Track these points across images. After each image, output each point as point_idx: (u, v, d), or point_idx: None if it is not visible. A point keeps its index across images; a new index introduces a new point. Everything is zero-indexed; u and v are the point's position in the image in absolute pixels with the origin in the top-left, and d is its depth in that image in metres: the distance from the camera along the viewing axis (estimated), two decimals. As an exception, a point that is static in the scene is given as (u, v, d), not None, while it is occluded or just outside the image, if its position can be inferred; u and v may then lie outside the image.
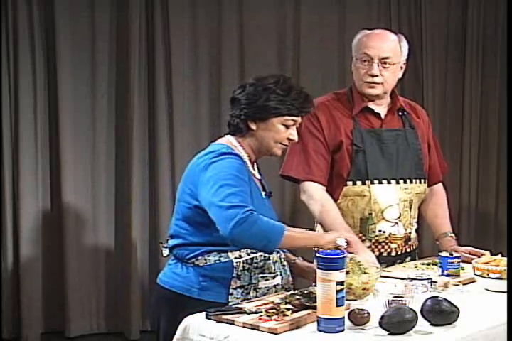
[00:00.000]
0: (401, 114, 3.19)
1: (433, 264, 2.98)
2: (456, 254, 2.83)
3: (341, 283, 2.14)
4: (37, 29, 4.71)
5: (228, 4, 5.07)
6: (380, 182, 3.06)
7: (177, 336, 2.31)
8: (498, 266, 2.65)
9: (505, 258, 2.70)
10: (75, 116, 4.83)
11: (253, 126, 2.58)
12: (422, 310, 2.21)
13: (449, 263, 2.79)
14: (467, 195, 5.33)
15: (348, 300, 2.29)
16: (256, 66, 5.01)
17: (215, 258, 2.52)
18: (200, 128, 5.09)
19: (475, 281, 2.73)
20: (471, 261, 2.80)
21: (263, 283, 2.56)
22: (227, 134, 2.65)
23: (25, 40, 4.68)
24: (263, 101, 2.54)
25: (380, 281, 2.51)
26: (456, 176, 5.28)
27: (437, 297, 2.25)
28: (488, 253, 2.98)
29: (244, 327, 2.20)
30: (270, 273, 2.58)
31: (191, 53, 5.04)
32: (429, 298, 2.24)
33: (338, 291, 2.12)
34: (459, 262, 2.81)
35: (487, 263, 2.69)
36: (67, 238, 4.80)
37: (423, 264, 3.02)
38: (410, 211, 3.13)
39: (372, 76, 3.03)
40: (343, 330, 2.15)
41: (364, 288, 2.43)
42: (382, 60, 3.03)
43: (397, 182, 3.09)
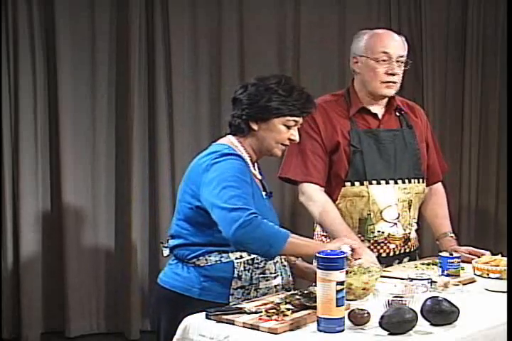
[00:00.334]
0: (398, 114, 3.18)
1: (433, 264, 2.97)
2: (456, 254, 2.83)
3: (341, 283, 2.13)
4: (37, 29, 4.71)
5: (228, 4, 5.07)
6: (378, 183, 3.06)
7: (177, 336, 2.31)
8: (498, 266, 2.64)
9: (505, 258, 2.70)
10: (75, 116, 4.83)
11: (254, 126, 2.57)
12: (422, 310, 2.21)
13: (449, 263, 2.79)
14: (467, 195, 5.33)
15: (348, 300, 2.29)
16: (256, 66, 5.01)
17: (216, 258, 2.52)
18: (200, 128, 5.09)
19: (475, 281, 2.73)
20: (471, 261, 2.80)
21: (264, 284, 2.55)
22: (229, 134, 2.65)
23: (25, 40, 4.68)
24: (265, 102, 2.53)
25: (380, 281, 2.51)
26: (456, 176, 5.28)
27: (437, 297, 2.25)
28: (488, 253, 2.98)
29: (244, 327, 2.20)
30: (271, 274, 2.58)
31: (191, 53, 5.04)
32: (429, 298, 2.24)
33: (338, 291, 2.12)
34: (459, 262, 2.81)
35: (487, 263, 2.69)
36: (67, 238, 4.80)
37: (423, 264, 3.02)
38: (409, 211, 3.12)
39: (393, 75, 3.03)
40: (343, 330, 2.15)
41: (364, 288, 2.43)
42: (398, 59, 3.03)
43: (396, 183, 3.09)
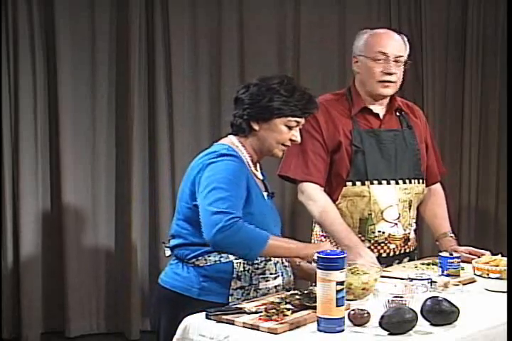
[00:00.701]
0: (399, 114, 3.18)
1: (433, 264, 2.97)
2: (456, 254, 2.83)
3: (341, 283, 2.13)
4: (37, 29, 4.71)
5: (228, 4, 5.07)
6: (379, 183, 3.05)
7: (177, 336, 2.31)
8: (498, 266, 2.64)
9: (505, 258, 2.70)
10: (75, 116, 4.83)
11: (256, 126, 2.57)
12: (422, 310, 2.21)
13: (449, 263, 2.79)
14: (467, 195, 5.33)
15: (348, 300, 2.29)
16: (256, 66, 5.01)
17: (215, 258, 2.51)
18: (200, 128, 5.09)
19: (475, 281, 2.73)
20: (471, 261, 2.79)
21: (263, 284, 2.55)
22: (230, 134, 2.65)
23: (25, 40, 4.68)
24: (266, 102, 2.53)
25: (380, 281, 2.51)
26: (456, 176, 5.28)
27: (437, 297, 2.25)
28: (488, 253, 2.98)
29: (244, 327, 2.20)
30: (271, 274, 2.57)
31: (191, 53, 5.04)
32: (429, 298, 2.24)
33: (338, 291, 2.12)
34: (459, 262, 2.81)
35: (487, 263, 2.69)
36: (67, 238, 4.80)
37: (423, 264, 3.02)
38: (409, 211, 3.12)
39: (390, 74, 3.03)
40: (343, 330, 2.15)
41: (364, 288, 2.43)
42: (396, 59, 3.03)
43: (397, 183, 3.08)
